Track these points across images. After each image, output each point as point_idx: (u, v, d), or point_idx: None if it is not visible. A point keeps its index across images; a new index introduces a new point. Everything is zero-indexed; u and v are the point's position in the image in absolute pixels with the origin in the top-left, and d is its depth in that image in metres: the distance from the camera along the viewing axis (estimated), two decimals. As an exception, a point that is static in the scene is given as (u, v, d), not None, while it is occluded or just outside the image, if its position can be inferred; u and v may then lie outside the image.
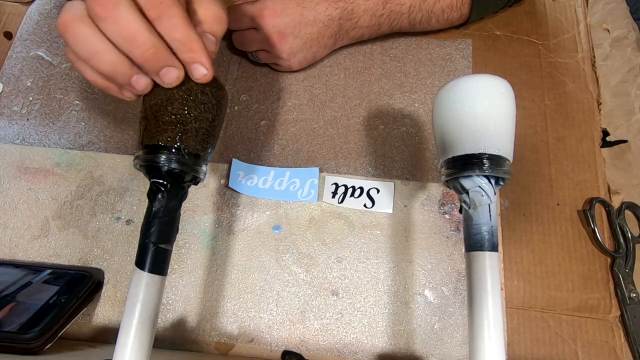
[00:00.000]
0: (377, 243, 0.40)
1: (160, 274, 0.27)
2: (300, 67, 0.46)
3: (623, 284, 0.38)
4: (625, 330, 0.38)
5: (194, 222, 0.41)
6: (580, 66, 0.47)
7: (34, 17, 0.50)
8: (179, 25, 0.24)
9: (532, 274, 0.39)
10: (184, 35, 0.24)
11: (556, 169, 0.43)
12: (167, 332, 0.37)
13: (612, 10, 0.50)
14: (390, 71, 0.47)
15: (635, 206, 0.41)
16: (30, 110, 0.45)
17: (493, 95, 0.27)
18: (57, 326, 0.33)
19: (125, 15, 0.22)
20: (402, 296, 0.38)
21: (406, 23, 0.45)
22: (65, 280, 0.36)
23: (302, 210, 0.41)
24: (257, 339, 0.37)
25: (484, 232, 0.27)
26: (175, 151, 0.27)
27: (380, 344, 0.37)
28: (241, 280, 0.39)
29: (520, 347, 0.37)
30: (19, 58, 0.48)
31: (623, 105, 0.46)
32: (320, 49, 0.44)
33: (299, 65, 0.45)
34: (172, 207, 0.27)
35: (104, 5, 0.22)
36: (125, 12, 0.22)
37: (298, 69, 0.46)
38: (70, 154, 0.43)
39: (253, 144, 0.44)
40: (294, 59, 0.44)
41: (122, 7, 0.22)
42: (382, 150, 0.44)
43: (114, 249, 0.40)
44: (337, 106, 0.46)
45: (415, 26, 0.46)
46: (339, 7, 0.42)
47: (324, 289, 0.39)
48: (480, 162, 0.26)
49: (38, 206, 0.41)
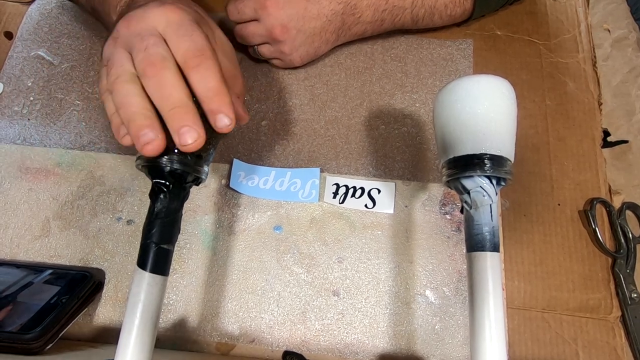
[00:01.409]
0: (378, 243, 0.40)
1: (162, 274, 0.27)
2: (301, 62, 0.45)
3: (624, 284, 0.38)
4: (626, 330, 0.38)
5: (195, 222, 0.41)
6: (581, 66, 0.47)
7: (34, 17, 0.50)
8: (213, 76, 0.26)
9: (532, 275, 0.39)
10: (215, 86, 0.26)
11: (557, 169, 0.43)
12: (169, 333, 0.37)
13: (613, 11, 0.50)
14: (391, 71, 0.47)
15: (636, 206, 0.41)
16: (31, 110, 0.45)
17: (494, 95, 0.27)
18: (58, 326, 0.33)
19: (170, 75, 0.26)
20: (403, 296, 0.38)
21: (409, 19, 0.45)
22: (66, 281, 0.36)
23: (303, 210, 0.41)
24: (258, 339, 0.37)
25: (485, 233, 0.27)
26: (177, 152, 0.27)
27: (382, 344, 0.37)
28: (242, 281, 0.39)
29: (521, 347, 0.37)
30: (19, 58, 0.47)
31: (624, 105, 0.46)
32: (322, 44, 0.44)
33: (301, 61, 0.45)
34: (174, 207, 0.27)
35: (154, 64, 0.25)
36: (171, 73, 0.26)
37: (299, 65, 0.46)
38: (71, 154, 0.43)
39: (254, 144, 0.44)
40: (296, 54, 0.44)
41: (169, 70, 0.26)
42: (383, 151, 0.44)
43: (114, 249, 0.40)
44: (338, 106, 0.46)
45: (418, 22, 0.45)
46: (342, 1, 0.42)
47: (325, 289, 0.39)
48: (481, 162, 0.26)
49: (39, 206, 0.41)
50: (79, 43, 0.48)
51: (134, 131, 0.25)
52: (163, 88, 0.25)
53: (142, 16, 0.27)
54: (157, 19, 0.27)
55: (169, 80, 0.25)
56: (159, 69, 0.25)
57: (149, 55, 0.26)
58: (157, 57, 0.25)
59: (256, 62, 0.47)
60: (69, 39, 0.48)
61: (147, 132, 0.25)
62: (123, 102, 0.26)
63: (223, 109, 0.26)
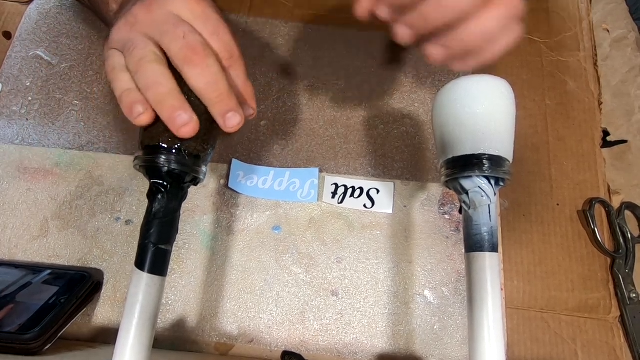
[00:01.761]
0: (377, 243, 0.40)
1: (160, 274, 0.26)
2: None
3: (623, 284, 0.38)
4: (625, 330, 0.38)
5: (193, 222, 0.41)
6: (582, 65, 0.47)
7: (33, 17, 0.49)
8: (241, 77, 0.28)
9: (532, 275, 0.39)
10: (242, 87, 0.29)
11: (556, 169, 0.43)
12: (167, 333, 0.37)
13: (612, 11, 0.50)
14: (390, 71, 0.47)
15: (635, 206, 0.41)
16: (29, 110, 0.45)
17: (493, 95, 0.27)
18: (56, 327, 0.33)
19: (213, 63, 0.26)
20: (402, 296, 0.38)
21: None
22: (65, 281, 0.36)
23: (302, 210, 0.41)
24: (257, 339, 0.37)
25: (484, 233, 0.27)
26: (175, 152, 0.26)
27: (380, 344, 0.37)
28: (241, 281, 0.39)
29: (520, 347, 0.37)
30: (18, 58, 0.47)
31: (623, 105, 0.45)
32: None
33: None
34: (172, 207, 0.27)
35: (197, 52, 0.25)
36: (213, 61, 0.26)
37: None
38: (70, 154, 0.43)
39: (253, 144, 0.44)
40: None
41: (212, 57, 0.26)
42: (382, 151, 0.44)
43: (113, 249, 0.40)
44: (336, 106, 0.46)
45: None
46: None
47: (324, 289, 0.38)
48: (480, 162, 0.26)
49: (37, 206, 0.41)
50: (78, 43, 0.48)
51: (169, 112, 0.25)
52: (209, 75, 0.26)
53: (165, 3, 0.27)
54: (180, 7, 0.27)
55: (214, 69, 0.26)
56: (203, 57, 0.25)
57: (190, 43, 0.26)
58: (199, 46, 0.26)
59: (253, 64, 0.47)
60: (68, 39, 0.48)
61: (181, 113, 0.25)
62: (153, 82, 0.26)
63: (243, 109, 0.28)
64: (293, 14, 0.50)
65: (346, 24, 0.49)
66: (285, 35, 0.49)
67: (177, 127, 0.25)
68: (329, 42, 0.49)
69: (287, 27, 0.49)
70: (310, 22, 0.49)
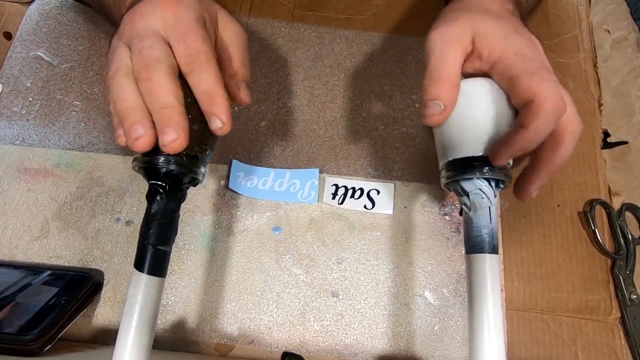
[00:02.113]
0: (377, 244, 0.40)
1: (159, 275, 0.26)
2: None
3: (623, 285, 0.38)
4: (626, 331, 0.38)
5: (193, 223, 0.41)
6: (582, 66, 0.47)
7: (33, 18, 0.49)
8: (208, 80, 0.26)
9: (532, 276, 0.39)
10: (210, 89, 0.26)
11: (557, 170, 0.43)
12: (167, 334, 0.37)
13: (613, 11, 0.50)
14: (390, 72, 0.47)
15: (635, 208, 0.41)
16: (29, 110, 0.45)
17: (494, 97, 0.27)
18: (56, 327, 0.33)
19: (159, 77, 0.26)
20: (402, 297, 0.38)
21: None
22: (65, 282, 0.36)
23: (302, 211, 0.41)
24: (257, 340, 0.37)
25: (484, 235, 0.27)
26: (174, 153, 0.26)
27: (381, 345, 0.37)
28: (241, 282, 0.39)
29: (521, 348, 0.37)
30: (18, 58, 0.47)
31: (623, 106, 0.45)
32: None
33: None
34: (170, 208, 0.27)
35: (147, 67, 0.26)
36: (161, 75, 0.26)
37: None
38: (70, 155, 0.43)
39: (253, 145, 0.44)
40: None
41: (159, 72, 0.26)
42: (382, 151, 0.44)
43: (113, 250, 0.40)
44: (337, 107, 0.46)
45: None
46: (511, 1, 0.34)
47: (324, 290, 0.38)
48: (480, 164, 0.26)
49: (37, 207, 0.41)
50: (78, 44, 0.48)
51: (127, 126, 0.25)
52: (152, 89, 0.26)
53: (143, 13, 0.28)
54: (155, 18, 0.27)
55: (159, 82, 0.26)
56: (150, 72, 0.25)
57: (142, 58, 0.26)
58: (150, 60, 0.26)
59: (253, 64, 0.47)
60: (68, 40, 0.48)
61: (138, 127, 0.25)
62: (118, 97, 0.26)
63: (216, 112, 0.26)
64: (293, 14, 0.50)
65: (346, 24, 0.49)
66: (285, 35, 0.49)
67: (131, 140, 0.25)
68: (329, 42, 0.49)
69: (287, 28, 0.49)
70: (311, 23, 0.49)
